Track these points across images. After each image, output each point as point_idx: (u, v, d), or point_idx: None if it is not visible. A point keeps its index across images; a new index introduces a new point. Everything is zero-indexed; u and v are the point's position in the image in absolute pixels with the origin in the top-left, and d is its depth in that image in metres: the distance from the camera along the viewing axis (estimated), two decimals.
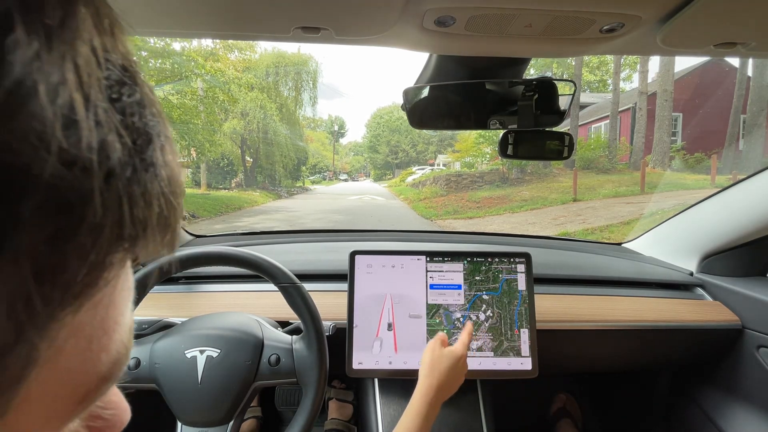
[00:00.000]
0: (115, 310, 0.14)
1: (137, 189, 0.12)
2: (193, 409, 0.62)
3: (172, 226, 0.14)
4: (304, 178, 22.29)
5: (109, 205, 0.11)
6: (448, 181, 11.67)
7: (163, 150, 0.14)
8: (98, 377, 0.13)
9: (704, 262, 1.03)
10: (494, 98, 0.74)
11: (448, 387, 0.65)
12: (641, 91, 10.97)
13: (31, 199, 0.09)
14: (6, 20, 0.09)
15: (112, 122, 0.11)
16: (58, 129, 0.10)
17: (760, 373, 0.88)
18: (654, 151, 10.09)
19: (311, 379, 0.64)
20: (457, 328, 0.81)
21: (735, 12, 0.45)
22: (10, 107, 0.09)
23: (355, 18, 0.48)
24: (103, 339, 0.13)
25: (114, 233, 0.11)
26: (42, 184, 0.10)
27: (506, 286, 0.83)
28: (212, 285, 0.98)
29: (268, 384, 0.66)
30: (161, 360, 0.63)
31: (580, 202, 8.08)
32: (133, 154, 0.12)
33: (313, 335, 0.65)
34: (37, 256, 0.10)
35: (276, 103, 16.25)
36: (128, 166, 0.12)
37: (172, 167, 0.14)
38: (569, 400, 1.31)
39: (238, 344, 0.65)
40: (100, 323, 0.13)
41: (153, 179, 0.13)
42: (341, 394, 1.27)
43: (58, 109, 0.10)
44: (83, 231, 0.11)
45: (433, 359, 0.66)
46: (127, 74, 0.13)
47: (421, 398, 0.62)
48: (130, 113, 0.12)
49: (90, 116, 0.11)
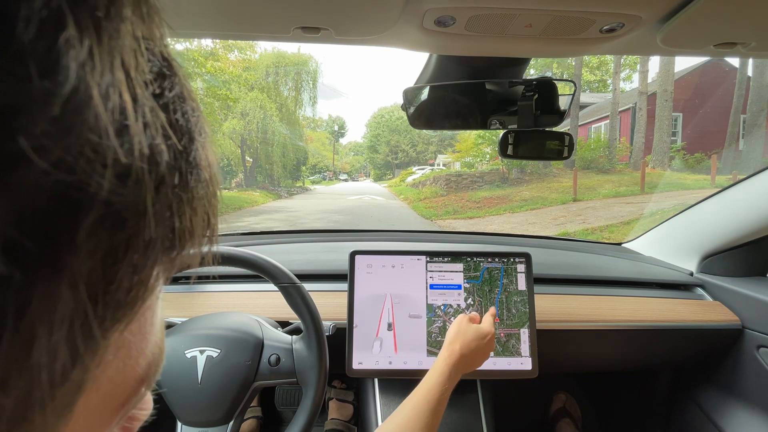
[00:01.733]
0: (152, 314, 0.13)
1: (185, 196, 0.11)
2: (193, 409, 0.62)
3: (213, 227, 0.13)
4: (304, 178, 22.30)
5: (160, 217, 0.10)
6: (448, 181, 11.67)
7: (205, 148, 0.13)
8: (136, 381, 0.13)
9: (704, 262, 1.03)
10: (494, 98, 0.74)
11: (472, 357, 0.65)
12: (641, 91, 10.96)
13: (87, 218, 0.09)
14: (57, 16, 0.08)
15: (158, 123, 0.10)
16: (113, 137, 0.09)
17: (760, 373, 0.88)
18: (654, 151, 10.09)
19: (311, 379, 0.64)
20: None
21: (735, 12, 0.45)
22: (66, 120, 0.08)
23: (356, 18, 0.48)
24: (141, 344, 0.13)
25: (164, 245, 0.11)
26: (98, 201, 0.09)
27: (487, 275, 0.84)
28: (212, 285, 0.98)
29: (268, 384, 0.66)
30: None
31: (580, 202, 8.08)
32: (179, 157, 0.11)
33: (313, 335, 0.65)
34: (91, 277, 0.09)
35: (276, 103, 16.26)
36: (175, 171, 0.11)
37: (213, 167, 0.13)
38: (569, 400, 1.31)
39: (238, 344, 0.65)
40: (139, 330, 0.13)
41: (197, 183, 0.12)
42: (341, 394, 1.27)
43: (110, 114, 0.09)
44: (136, 247, 0.10)
45: (460, 329, 0.67)
46: (166, 64, 0.12)
47: (443, 360, 0.63)
48: (173, 110, 0.11)
49: (139, 119, 0.10)
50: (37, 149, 0.08)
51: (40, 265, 0.08)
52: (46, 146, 0.08)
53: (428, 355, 0.80)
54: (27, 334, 0.08)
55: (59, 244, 0.08)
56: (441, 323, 0.82)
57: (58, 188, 0.08)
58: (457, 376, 0.63)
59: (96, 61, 0.08)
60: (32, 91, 0.08)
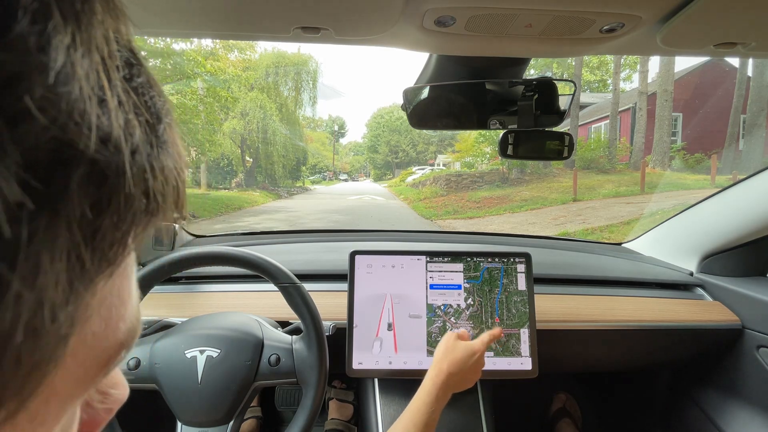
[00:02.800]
0: (129, 283, 0.15)
1: (156, 165, 0.13)
2: (193, 409, 0.62)
3: (182, 197, 0.15)
4: (304, 178, 22.28)
5: (137, 179, 0.12)
6: (448, 181, 11.66)
7: (171, 128, 0.15)
8: (118, 343, 0.15)
9: (704, 262, 1.03)
10: (494, 98, 0.74)
11: (461, 375, 0.64)
12: (641, 91, 10.94)
13: (77, 171, 0.11)
14: (46, 7, 0.10)
15: (130, 101, 0.12)
16: (95, 106, 0.11)
17: (760, 373, 0.88)
18: (654, 151, 10.07)
19: (311, 379, 0.64)
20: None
21: (735, 12, 0.45)
22: (59, 88, 0.10)
23: (356, 18, 0.48)
24: (120, 308, 0.15)
25: (141, 204, 0.13)
26: (85, 158, 0.11)
27: (487, 275, 0.84)
28: (212, 285, 0.98)
29: (268, 384, 0.66)
30: (161, 360, 0.63)
31: (580, 202, 8.07)
32: (149, 133, 0.13)
33: (313, 335, 0.65)
34: (82, 222, 0.11)
35: (276, 103, 16.24)
36: (147, 144, 0.13)
37: (179, 145, 0.15)
38: (569, 399, 1.31)
39: (238, 344, 0.65)
40: (118, 293, 0.14)
41: (167, 156, 0.14)
42: (341, 394, 1.27)
43: (92, 90, 0.11)
44: (118, 201, 0.12)
45: (447, 347, 0.67)
46: (133, 55, 0.14)
47: (431, 380, 0.62)
48: (141, 93, 0.13)
49: (114, 96, 0.12)
50: (39, 108, 0.10)
51: (44, 201, 0.10)
52: (45, 107, 0.10)
53: (428, 355, 0.80)
54: (34, 258, 0.10)
55: (57, 188, 0.10)
56: (441, 323, 0.82)
57: (54, 144, 0.10)
58: (445, 397, 0.62)
59: (78, 45, 0.11)
60: (32, 62, 0.10)
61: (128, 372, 0.62)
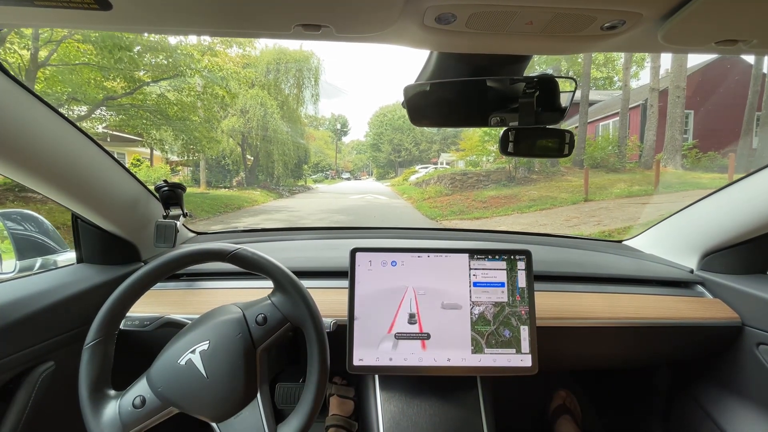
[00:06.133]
0: None
1: None
2: (217, 403, 0.62)
3: None
4: (306, 176, 22.27)
5: None
6: (452, 180, 11.47)
7: None
8: None
9: (705, 259, 1.03)
10: (495, 95, 0.75)
11: None
12: (652, 87, 10.60)
13: None
14: None
15: None
16: None
17: (760, 371, 0.88)
18: (665, 149, 9.77)
19: (305, 320, 0.65)
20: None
21: (736, 9, 0.45)
22: None
23: (356, 15, 0.48)
24: None
25: None
26: None
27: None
28: (214, 282, 0.99)
29: (269, 343, 0.66)
30: (162, 382, 0.62)
31: (592, 202, 7.79)
32: None
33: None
34: None
35: (277, 101, 16.20)
36: None
37: None
38: (569, 396, 1.31)
39: (222, 327, 0.65)
40: None
41: None
42: (342, 390, 1.28)
43: None
44: None
45: None
46: None
47: None
48: None
49: None
50: None
51: None
52: None
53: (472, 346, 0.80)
54: None
55: None
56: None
57: None
58: None
59: None
60: None
61: (137, 411, 0.60)
